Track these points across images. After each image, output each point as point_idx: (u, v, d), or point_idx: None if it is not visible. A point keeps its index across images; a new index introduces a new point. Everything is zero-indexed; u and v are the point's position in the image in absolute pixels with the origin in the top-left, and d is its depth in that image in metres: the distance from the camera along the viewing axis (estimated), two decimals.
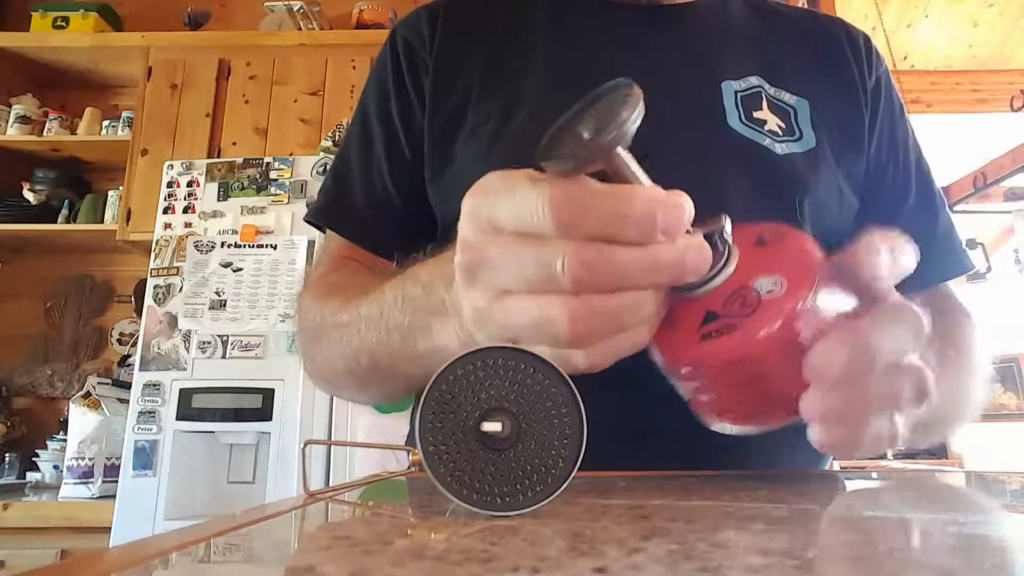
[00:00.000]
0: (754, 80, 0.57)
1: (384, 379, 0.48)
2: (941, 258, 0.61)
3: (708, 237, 0.29)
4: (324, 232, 0.64)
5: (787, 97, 0.58)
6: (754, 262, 0.29)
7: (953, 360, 0.52)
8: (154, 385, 1.66)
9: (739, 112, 0.56)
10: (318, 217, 0.63)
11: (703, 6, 0.62)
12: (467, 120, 0.57)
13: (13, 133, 2.28)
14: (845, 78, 0.61)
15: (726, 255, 0.29)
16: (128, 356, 2.32)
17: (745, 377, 0.27)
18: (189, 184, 1.86)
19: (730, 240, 0.29)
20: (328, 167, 1.86)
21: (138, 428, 1.63)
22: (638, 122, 0.27)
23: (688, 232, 0.27)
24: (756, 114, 0.56)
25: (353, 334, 0.46)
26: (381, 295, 0.42)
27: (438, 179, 0.58)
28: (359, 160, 0.62)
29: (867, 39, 0.65)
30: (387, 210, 0.60)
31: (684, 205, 0.26)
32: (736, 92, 0.56)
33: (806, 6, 2.76)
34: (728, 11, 0.63)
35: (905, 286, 0.61)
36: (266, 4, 2.45)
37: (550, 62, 0.58)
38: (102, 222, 2.24)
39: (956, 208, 3.58)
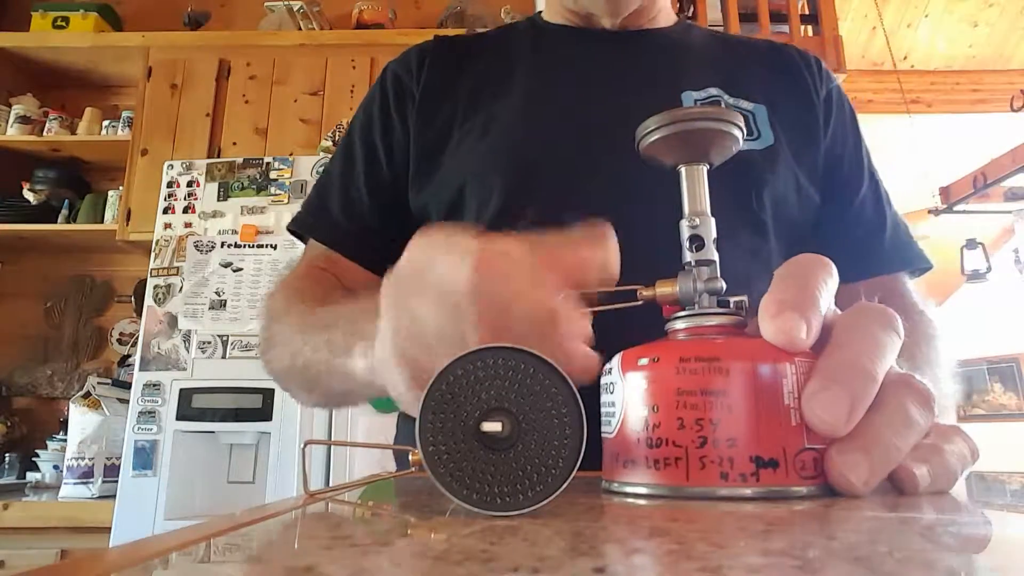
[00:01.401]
0: (713, 91, 0.63)
1: (314, 385, 0.51)
2: (891, 250, 0.64)
3: (723, 303, 0.29)
4: (305, 243, 0.69)
5: (745, 104, 0.63)
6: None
7: (919, 360, 0.53)
8: (154, 385, 1.66)
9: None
10: (298, 226, 0.68)
11: (666, 31, 0.70)
12: (453, 137, 0.63)
13: (13, 133, 2.28)
14: (800, 88, 0.67)
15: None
16: (128, 356, 2.32)
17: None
18: (189, 184, 1.86)
19: (745, 310, 0.29)
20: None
21: (138, 428, 1.63)
22: (720, 153, 0.32)
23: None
24: None
25: (302, 342, 0.49)
26: (335, 310, 0.46)
27: (425, 188, 0.63)
28: (340, 175, 0.67)
29: (817, 60, 0.71)
30: (363, 220, 0.65)
31: (593, 371, 0.28)
32: (696, 100, 0.62)
33: (806, 6, 2.76)
34: (689, 36, 0.70)
35: (854, 276, 0.62)
36: (266, 4, 2.45)
37: (527, 82, 0.64)
38: (102, 222, 2.24)
39: (956, 208, 3.58)
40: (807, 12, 2.70)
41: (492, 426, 0.24)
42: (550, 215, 0.55)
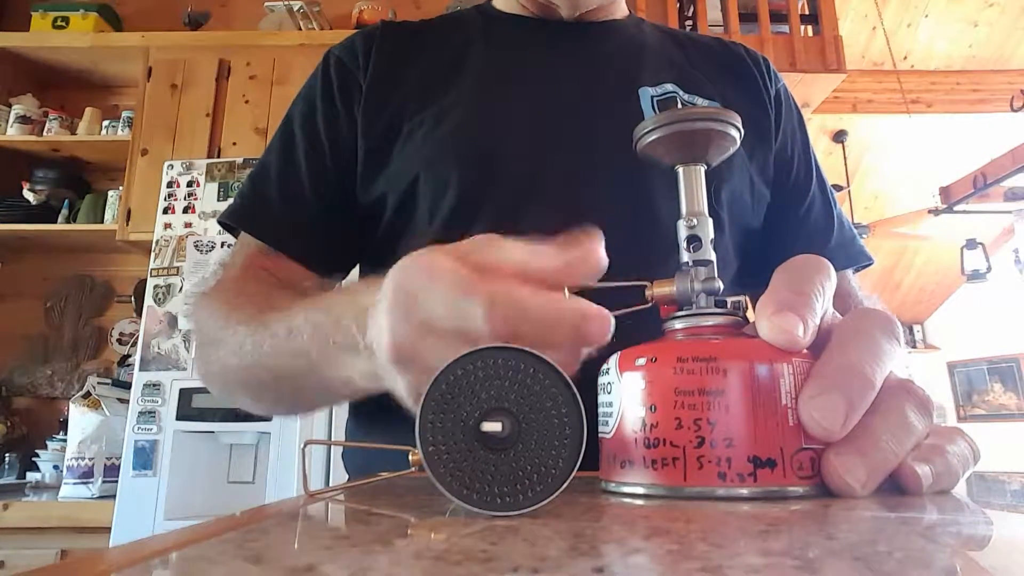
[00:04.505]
0: (669, 87, 0.62)
1: (286, 396, 0.48)
2: (838, 248, 0.65)
3: (720, 303, 0.30)
4: (236, 236, 0.64)
5: (700, 101, 0.63)
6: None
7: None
8: (154, 385, 1.66)
9: (655, 113, 0.59)
10: (234, 220, 0.63)
11: (620, 24, 0.69)
12: (403, 130, 0.60)
13: (13, 133, 2.28)
14: (751, 86, 0.67)
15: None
16: (128, 356, 2.32)
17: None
18: (189, 184, 1.86)
19: (742, 311, 0.30)
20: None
21: (138, 428, 1.63)
22: (718, 154, 0.31)
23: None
24: None
25: (258, 349, 0.45)
26: (290, 318, 0.41)
27: (376, 182, 0.60)
28: (279, 168, 0.63)
29: (765, 59, 0.71)
30: (304, 216, 0.61)
31: (608, 324, 0.27)
32: (652, 96, 0.61)
33: (806, 6, 2.76)
34: (642, 32, 0.70)
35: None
36: (266, 4, 2.45)
37: (480, 72, 0.62)
38: (102, 222, 2.24)
39: (956, 208, 3.58)
40: (807, 12, 2.70)
41: (492, 426, 0.24)
42: (508, 208, 0.55)
